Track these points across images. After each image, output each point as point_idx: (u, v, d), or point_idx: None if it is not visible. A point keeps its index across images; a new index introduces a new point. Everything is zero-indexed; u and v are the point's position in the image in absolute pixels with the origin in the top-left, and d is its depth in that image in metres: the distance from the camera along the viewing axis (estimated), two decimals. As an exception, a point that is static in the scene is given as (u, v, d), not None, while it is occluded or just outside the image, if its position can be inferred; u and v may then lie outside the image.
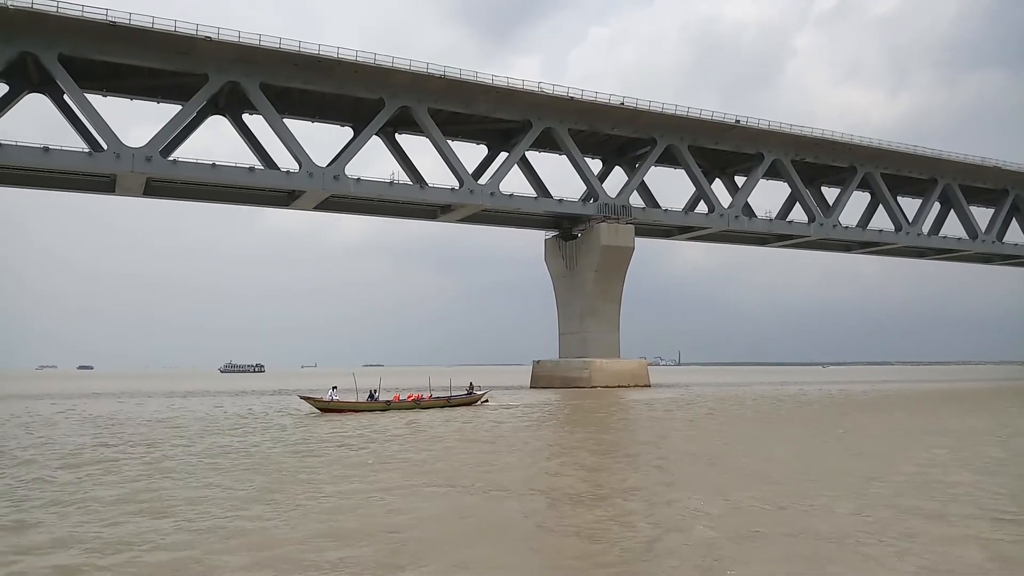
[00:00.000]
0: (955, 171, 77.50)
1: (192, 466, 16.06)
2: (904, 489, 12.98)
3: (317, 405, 33.72)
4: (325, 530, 9.95)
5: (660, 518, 10.71)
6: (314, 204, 58.22)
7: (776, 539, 9.43)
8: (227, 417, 30.86)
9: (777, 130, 66.90)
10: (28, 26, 44.60)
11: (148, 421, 28.77)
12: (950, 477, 14.50)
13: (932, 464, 16.31)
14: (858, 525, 10.10)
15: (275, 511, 11.16)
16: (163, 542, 9.31)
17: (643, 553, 8.90)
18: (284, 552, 8.81)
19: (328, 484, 13.70)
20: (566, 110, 59.70)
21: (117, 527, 10.12)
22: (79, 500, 12.10)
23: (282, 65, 50.96)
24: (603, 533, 9.83)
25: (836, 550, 8.86)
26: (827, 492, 12.58)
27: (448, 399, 37.46)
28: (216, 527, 10.09)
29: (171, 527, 10.10)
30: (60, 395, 54.73)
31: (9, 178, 50.97)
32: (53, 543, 9.29)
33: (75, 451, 18.97)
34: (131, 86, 52.33)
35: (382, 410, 33.95)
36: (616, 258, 61.89)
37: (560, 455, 18.13)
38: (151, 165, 48.61)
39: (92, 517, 10.77)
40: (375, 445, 20.10)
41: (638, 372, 62.28)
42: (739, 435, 23.40)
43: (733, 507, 11.36)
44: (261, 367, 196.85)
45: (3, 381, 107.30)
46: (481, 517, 11.01)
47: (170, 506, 11.54)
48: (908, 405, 40.86)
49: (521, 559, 8.80)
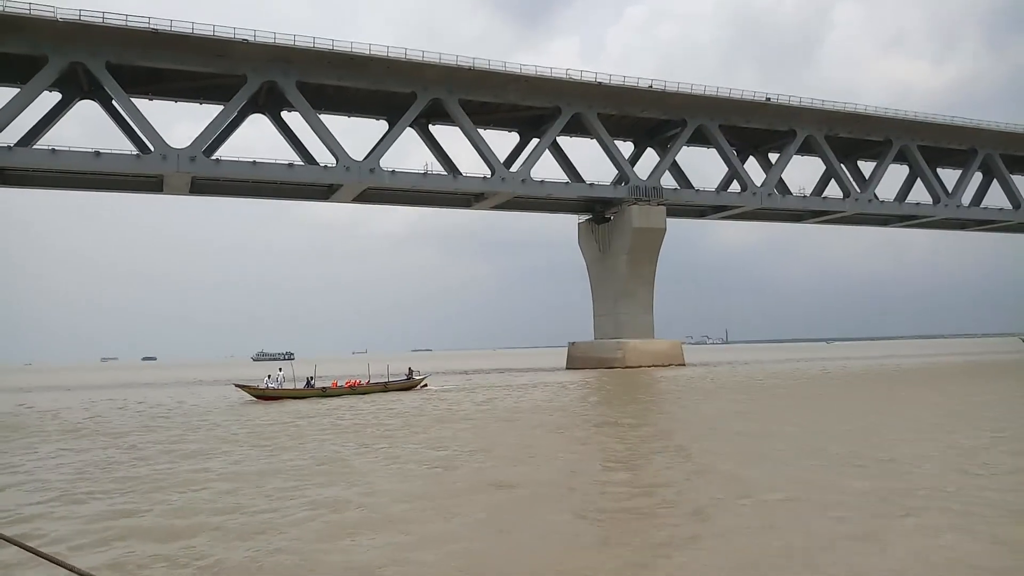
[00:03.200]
0: (995, 140, 76.20)
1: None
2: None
3: (253, 393, 34.60)
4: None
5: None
6: (352, 197, 60.09)
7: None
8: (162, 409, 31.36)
9: (809, 106, 66.71)
10: (77, 37, 47.03)
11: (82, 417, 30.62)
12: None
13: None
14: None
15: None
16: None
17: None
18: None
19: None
20: (594, 95, 60.45)
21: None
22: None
23: (317, 63, 52.69)
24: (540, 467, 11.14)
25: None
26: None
27: (385, 384, 38.24)
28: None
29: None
30: (162, 383, 57.67)
31: (64, 181, 53.81)
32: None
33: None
34: (174, 89, 54.62)
35: (319, 396, 34.68)
36: (648, 240, 62.65)
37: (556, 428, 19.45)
38: (195, 165, 50.86)
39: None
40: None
41: (672, 352, 63.14)
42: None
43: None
44: (291, 355, 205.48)
45: (85, 372, 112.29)
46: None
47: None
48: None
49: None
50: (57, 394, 47.52)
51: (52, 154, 48.68)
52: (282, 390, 34.97)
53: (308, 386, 36.07)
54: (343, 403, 31.17)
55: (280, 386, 35.30)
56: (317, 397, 34.57)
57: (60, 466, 15.42)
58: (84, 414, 29.69)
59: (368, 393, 36.49)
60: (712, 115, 64.61)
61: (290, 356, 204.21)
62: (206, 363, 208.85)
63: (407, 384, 39.45)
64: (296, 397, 34.52)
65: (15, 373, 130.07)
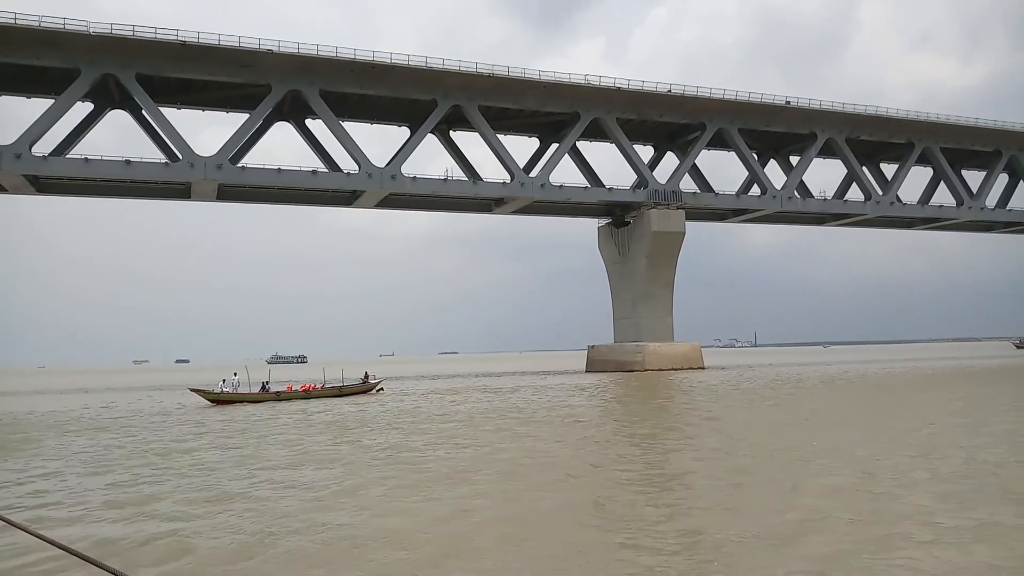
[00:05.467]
0: (1021, 141, 75.47)
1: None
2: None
3: (208, 397, 35.03)
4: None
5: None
6: (374, 202, 61.18)
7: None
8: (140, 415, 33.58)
9: (829, 109, 66.67)
10: (109, 50, 48.56)
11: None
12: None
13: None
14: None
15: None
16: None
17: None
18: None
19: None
20: (613, 100, 61.00)
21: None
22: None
23: (340, 73, 53.84)
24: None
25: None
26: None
27: (340, 388, 38.72)
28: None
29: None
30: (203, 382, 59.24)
31: (95, 189, 55.50)
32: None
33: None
34: (202, 99, 56.06)
35: (273, 400, 35.23)
36: (667, 243, 63.01)
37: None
38: (222, 172, 52.20)
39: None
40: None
41: (691, 355, 63.41)
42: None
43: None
44: (304, 358, 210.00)
45: (117, 375, 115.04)
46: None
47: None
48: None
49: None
50: (55, 396, 49.09)
51: (85, 163, 50.26)
52: (237, 394, 35.58)
53: (263, 390, 36.67)
54: (293, 407, 31.57)
55: (235, 390, 35.96)
56: (272, 401, 35.11)
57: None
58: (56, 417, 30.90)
59: (322, 397, 36.94)
60: (731, 119, 64.83)
61: (303, 359, 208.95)
62: (226, 365, 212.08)
63: (362, 388, 39.88)
64: (251, 401, 35.02)
65: (32, 375, 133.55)
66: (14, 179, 50.24)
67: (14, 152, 47.53)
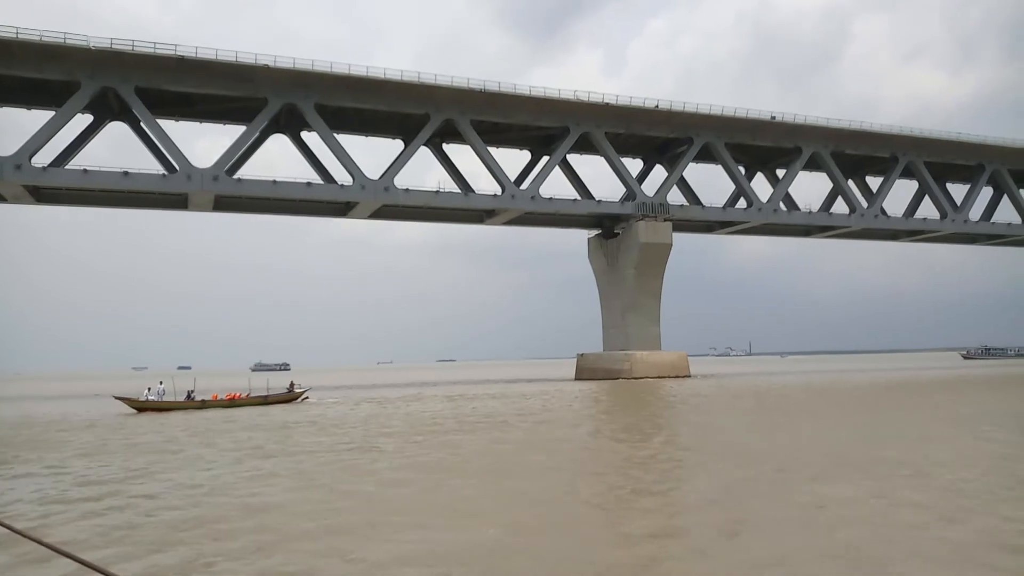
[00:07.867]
0: (1003, 156, 76.91)
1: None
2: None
3: (133, 405, 35.62)
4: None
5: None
6: (368, 213, 62.37)
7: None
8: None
9: (814, 124, 68.10)
10: (108, 64, 49.77)
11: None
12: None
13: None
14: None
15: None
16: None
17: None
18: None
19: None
20: (602, 115, 62.34)
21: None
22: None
23: (335, 87, 55.09)
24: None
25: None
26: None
27: (265, 398, 39.03)
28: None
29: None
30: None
31: (93, 199, 56.61)
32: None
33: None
34: (199, 111, 57.26)
35: (198, 408, 35.83)
36: (655, 254, 64.27)
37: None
38: (218, 184, 53.34)
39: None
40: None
41: (678, 363, 64.59)
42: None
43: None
44: (287, 365, 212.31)
45: (100, 381, 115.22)
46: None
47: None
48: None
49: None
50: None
51: (84, 174, 51.37)
52: (162, 402, 36.24)
53: (188, 399, 37.33)
54: (216, 415, 31.93)
55: (160, 399, 36.68)
56: (196, 409, 35.66)
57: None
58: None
59: (247, 406, 37.26)
60: (719, 133, 66.21)
61: (285, 367, 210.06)
62: (212, 372, 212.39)
63: (287, 397, 40.17)
64: (176, 409, 35.56)
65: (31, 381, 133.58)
66: (14, 189, 51.29)
67: (14, 163, 48.62)
